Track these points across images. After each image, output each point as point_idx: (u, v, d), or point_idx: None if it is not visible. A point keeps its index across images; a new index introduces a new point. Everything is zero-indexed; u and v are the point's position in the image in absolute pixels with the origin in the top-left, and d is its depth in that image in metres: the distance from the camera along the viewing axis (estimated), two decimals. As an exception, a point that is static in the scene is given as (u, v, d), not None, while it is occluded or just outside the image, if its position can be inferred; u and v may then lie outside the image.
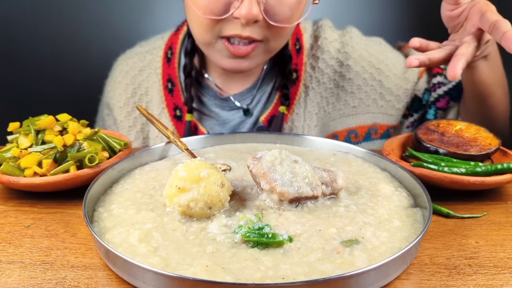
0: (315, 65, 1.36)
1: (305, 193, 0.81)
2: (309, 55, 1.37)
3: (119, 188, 0.93)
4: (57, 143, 0.97)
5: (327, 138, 1.10)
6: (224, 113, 1.37)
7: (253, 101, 1.36)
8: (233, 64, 1.20)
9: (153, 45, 1.43)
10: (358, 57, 1.37)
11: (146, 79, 1.39)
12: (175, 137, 1.05)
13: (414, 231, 0.79)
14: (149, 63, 1.40)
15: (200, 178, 0.79)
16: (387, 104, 1.37)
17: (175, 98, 1.35)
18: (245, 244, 0.73)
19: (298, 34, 1.38)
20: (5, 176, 0.94)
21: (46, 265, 0.76)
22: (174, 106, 1.35)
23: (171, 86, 1.35)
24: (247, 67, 1.21)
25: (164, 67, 1.37)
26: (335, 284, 0.64)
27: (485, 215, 0.92)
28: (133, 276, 0.69)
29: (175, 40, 1.39)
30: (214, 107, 1.37)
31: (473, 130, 1.07)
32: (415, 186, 0.89)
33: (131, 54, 1.46)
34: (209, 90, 1.37)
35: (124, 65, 1.44)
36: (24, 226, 0.88)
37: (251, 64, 1.21)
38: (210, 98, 1.37)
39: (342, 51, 1.37)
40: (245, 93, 1.37)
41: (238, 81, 1.36)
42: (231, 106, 1.36)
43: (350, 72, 1.37)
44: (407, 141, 1.12)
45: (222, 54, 1.19)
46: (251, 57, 1.19)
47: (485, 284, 0.72)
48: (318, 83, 1.36)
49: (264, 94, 1.37)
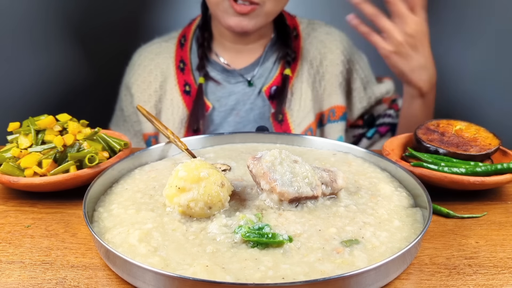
0: (310, 50, 1.56)
1: (305, 193, 0.81)
2: (306, 42, 1.57)
3: (119, 188, 0.93)
4: (57, 143, 0.97)
5: (327, 138, 1.10)
6: (229, 86, 1.52)
7: (256, 74, 1.52)
8: (237, 22, 1.38)
9: (168, 37, 1.62)
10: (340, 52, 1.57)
11: (161, 61, 1.55)
12: (175, 137, 1.05)
13: (414, 231, 0.79)
14: (165, 48, 1.58)
15: (200, 178, 0.79)
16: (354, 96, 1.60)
17: (185, 76, 1.52)
18: (245, 244, 0.73)
19: (295, 24, 1.59)
20: (5, 176, 0.94)
21: (46, 265, 0.76)
22: (184, 82, 1.51)
23: (182, 66, 1.53)
24: (247, 25, 1.39)
25: (177, 51, 1.56)
26: (335, 284, 0.64)
27: (485, 215, 0.92)
28: (133, 276, 0.69)
29: (188, 31, 1.58)
30: (221, 80, 1.52)
31: (473, 130, 1.07)
32: (415, 186, 0.89)
33: (149, 44, 1.62)
34: (217, 65, 1.53)
35: (142, 51, 1.60)
36: (24, 226, 0.88)
37: (250, 24, 1.39)
38: (217, 72, 1.52)
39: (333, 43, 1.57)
40: (249, 68, 1.53)
41: (243, 58, 1.53)
42: (236, 78, 1.52)
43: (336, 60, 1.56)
44: (407, 141, 1.12)
45: (228, 13, 1.38)
46: (251, 16, 1.38)
47: (485, 284, 0.72)
48: (311, 66, 1.54)
49: (266, 69, 1.53)
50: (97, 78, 2.16)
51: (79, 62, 2.20)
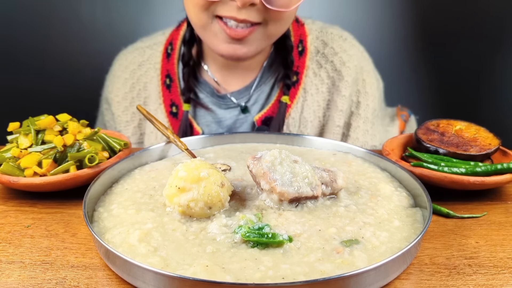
0: (317, 73, 1.33)
1: (305, 193, 0.81)
2: (313, 59, 1.33)
3: (119, 188, 0.93)
4: (57, 143, 0.97)
5: (327, 138, 1.10)
6: (220, 111, 1.34)
7: (251, 99, 1.32)
8: (230, 49, 1.15)
9: (153, 41, 1.41)
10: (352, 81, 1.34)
11: (145, 74, 1.37)
12: (175, 137, 1.05)
13: (414, 231, 0.79)
14: (149, 58, 1.38)
15: (200, 178, 0.79)
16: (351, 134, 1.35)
17: (172, 94, 1.32)
18: (245, 244, 0.73)
19: (302, 35, 1.34)
20: (5, 176, 0.94)
21: (46, 265, 0.76)
22: (171, 102, 1.32)
23: (169, 82, 1.32)
24: (244, 53, 1.16)
25: (163, 62, 1.34)
26: (335, 284, 0.64)
27: (485, 215, 0.92)
28: (133, 276, 0.69)
29: (175, 36, 1.37)
30: (210, 104, 1.34)
31: (473, 130, 1.07)
32: (415, 186, 0.89)
33: (132, 49, 1.44)
34: (206, 87, 1.34)
35: (123, 60, 1.42)
36: (24, 226, 0.88)
37: (249, 51, 1.17)
38: (207, 95, 1.33)
39: (346, 66, 1.34)
40: (243, 91, 1.33)
41: (237, 77, 1.33)
42: (227, 104, 1.33)
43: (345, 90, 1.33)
44: (407, 141, 1.12)
45: (219, 38, 1.15)
46: (248, 41, 1.15)
47: (485, 284, 0.72)
48: (317, 91, 1.33)
49: (262, 93, 1.33)
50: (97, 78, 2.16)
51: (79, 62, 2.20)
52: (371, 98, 1.34)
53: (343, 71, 1.32)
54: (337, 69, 1.32)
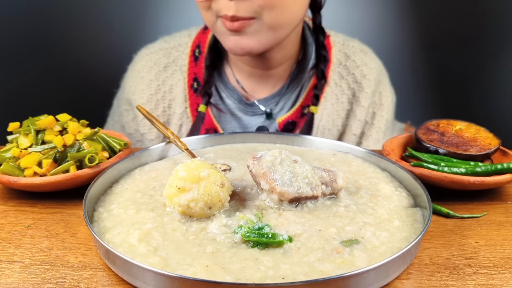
0: (339, 83, 1.34)
1: (305, 193, 0.81)
2: (335, 70, 1.35)
3: (119, 188, 0.93)
4: (57, 143, 0.97)
5: (327, 138, 1.10)
6: (246, 118, 1.34)
7: (277, 106, 1.32)
8: (233, 42, 1.16)
9: (179, 42, 1.37)
10: (371, 92, 1.36)
11: (170, 76, 1.34)
12: (175, 137, 1.05)
13: (414, 231, 0.79)
14: (175, 60, 1.35)
15: (200, 178, 0.79)
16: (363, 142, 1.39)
17: (199, 99, 1.31)
18: (245, 244, 0.73)
19: (328, 46, 1.35)
20: (5, 176, 0.94)
21: (46, 265, 0.76)
22: (198, 106, 1.31)
23: (196, 86, 1.31)
24: (247, 44, 1.16)
25: (190, 65, 1.33)
26: (335, 284, 0.64)
27: (485, 215, 0.92)
28: (133, 276, 0.69)
29: (203, 39, 1.35)
30: (237, 111, 1.34)
31: (473, 130, 1.07)
32: (415, 186, 0.89)
33: (155, 49, 1.39)
34: (234, 93, 1.34)
35: (148, 60, 1.38)
36: (24, 226, 0.88)
37: (250, 42, 1.16)
38: (234, 101, 1.33)
39: (366, 78, 1.36)
40: (269, 99, 1.34)
41: (264, 85, 1.33)
42: (254, 111, 1.33)
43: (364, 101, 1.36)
44: (407, 141, 1.12)
45: (224, 33, 1.17)
46: (247, 33, 1.15)
47: (485, 284, 0.72)
48: (337, 101, 1.34)
49: (288, 100, 1.33)
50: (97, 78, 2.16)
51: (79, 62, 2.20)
52: (386, 110, 1.38)
53: (364, 83, 1.35)
54: (358, 81, 1.35)
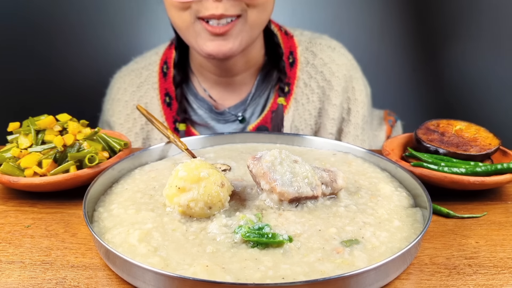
0: (308, 83, 1.36)
1: (305, 193, 0.81)
2: (303, 70, 1.36)
3: (119, 188, 0.93)
4: (57, 143, 0.97)
5: (327, 138, 1.10)
6: (219, 126, 1.37)
7: (246, 112, 1.36)
8: (215, 46, 1.15)
9: (148, 61, 1.43)
10: (341, 90, 1.38)
11: (144, 94, 1.39)
12: (175, 137, 1.05)
13: (414, 231, 0.79)
14: (146, 78, 1.40)
15: (200, 178, 0.79)
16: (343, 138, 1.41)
17: (173, 112, 1.35)
18: (245, 244, 0.73)
19: (292, 47, 1.37)
20: (5, 176, 0.94)
21: (46, 265, 0.76)
22: (174, 119, 1.35)
23: (169, 100, 1.34)
24: (230, 49, 1.17)
25: (160, 81, 1.36)
26: (335, 284, 0.64)
27: (485, 215, 0.92)
28: (133, 276, 0.69)
29: (169, 55, 1.39)
30: (209, 120, 1.37)
31: (473, 130, 1.07)
32: (415, 186, 0.89)
33: (127, 71, 1.45)
34: (204, 103, 1.37)
35: (121, 83, 1.43)
36: (24, 226, 0.88)
37: (234, 46, 1.17)
38: (205, 111, 1.37)
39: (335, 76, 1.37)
40: (239, 105, 1.37)
41: (232, 93, 1.35)
42: (226, 119, 1.36)
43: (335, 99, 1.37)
44: (407, 141, 1.12)
45: (202, 37, 1.17)
46: (232, 35, 1.15)
47: (485, 284, 0.72)
48: (307, 101, 1.35)
49: (258, 105, 1.36)
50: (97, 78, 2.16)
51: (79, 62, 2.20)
52: (361, 105, 1.38)
53: (333, 81, 1.36)
54: (327, 79, 1.36)
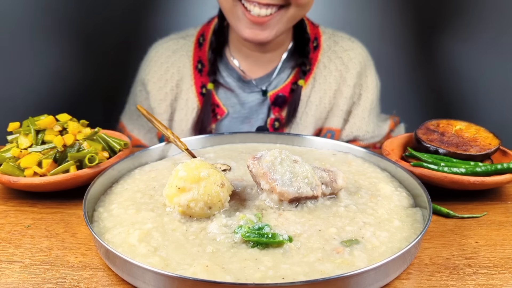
0: (327, 66, 1.48)
1: (305, 193, 0.81)
2: (324, 54, 1.49)
3: (119, 188, 0.93)
4: (57, 143, 0.97)
5: (327, 138, 1.10)
6: (244, 94, 1.48)
7: (271, 85, 1.48)
8: (252, 34, 1.27)
9: (186, 33, 1.56)
10: (356, 74, 1.50)
11: (178, 59, 1.51)
12: (175, 137, 1.05)
13: (414, 231, 0.79)
14: (182, 46, 1.53)
15: (200, 178, 0.79)
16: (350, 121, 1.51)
17: (203, 78, 1.48)
18: (245, 244, 0.73)
19: (317, 34, 1.51)
20: (5, 176, 0.94)
21: (46, 265, 0.76)
22: (201, 84, 1.47)
23: (200, 67, 1.48)
24: (265, 38, 1.28)
25: (195, 50, 1.50)
26: (335, 284, 0.64)
27: (485, 215, 0.92)
28: (133, 276, 0.69)
29: (207, 30, 1.52)
30: (236, 88, 1.48)
31: (473, 130, 1.07)
32: (415, 186, 0.89)
33: (166, 40, 1.58)
34: (234, 73, 1.49)
35: (160, 47, 1.56)
36: (24, 226, 0.88)
37: (269, 35, 1.28)
38: (233, 80, 1.48)
39: (352, 61, 1.50)
40: (265, 78, 1.48)
41: (260, 66, 1.48)
42: (251, 88, 1.48)
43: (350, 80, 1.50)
44: (407, 141, 1.12)
45: (242, 22, 1.28)
46: (269, 26, 1.27)
47: (485, 284, 0.72)
48: (324, 81, 1.48)
49: (281, 80, 1.48)
50: (97, 78, 2.16)
51: (79, 62, 2.20)
52: (371, 92, 1.52)
53: (350, 65, 1.49)
54: (345, 63, 1.49)
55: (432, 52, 2.24)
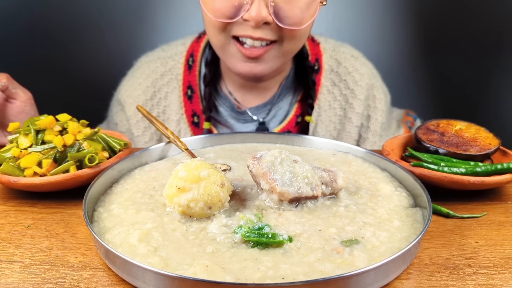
0: (331, 90, 1.40)
1: (305, 193, 0.81)
2: (327, 77, 1.41)
3: (119, 188, 0.93)
4: (57, 143, 0.97)
5: (327, 138, 1.10)
6: (238, 125, 1.39)
7: (269, 115, 1.38)
8: (247, 68, 1.21)
9: (175, 51, 1.45)
10: (364, 98, 1.42)
11: (166, 84, 1.41)
12: (175, 137, 1.05)
13: (414, 231, 0.79)
14: (171, 68, 1.42)
15: (200, 178, 0.79)
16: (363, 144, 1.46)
17: (193, 105, 1.38)
18: (245, 244, 0.73)
19: (318, 54, 1.41)
20: (5, 176, 0.94)
21: (46, 265, 0.76)
22: (192, 113, 1.38)
23: (190, 93, 1.38)
24: (261, 71, 1.22)
25: (185, 74, 1.40)
26: (335, 284, 0.64)
27: (485, 215, 0.92)
28: (133, 276, 0.69)
29: (196, 48, 1.42)
30: (229, 118, 1.39)
31: (473, 130, 1.07)
32: (415, 186, 0.89)
33: (153, 58, 1.47)
34: (226, 101, 1.39)
35: (146, 68, 1.45)
36: (24, 226, 0.88)
37: (265, 68, 1.22)
38: (226, 109, 1.39)
39: (358, 84, 1.41)
40: (261, 107, 1.39)
41: (256, 95, 1.38)
42: (246, 119, 1.39)
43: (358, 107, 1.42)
44: (407, 141, 1.12)
45: (236, 58, 1.21)
46: (264, 60, 1.20)
47: (485, 284, 0.72)
48: (329, 107, 1.40)
49: (280, 109, 1.39)
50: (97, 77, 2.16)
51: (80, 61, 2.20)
52: (380, 113, 1.43)
53: (356, 90, 1.41)
54: (350, 88, 1.41)
55: (432, 52, 2.24)
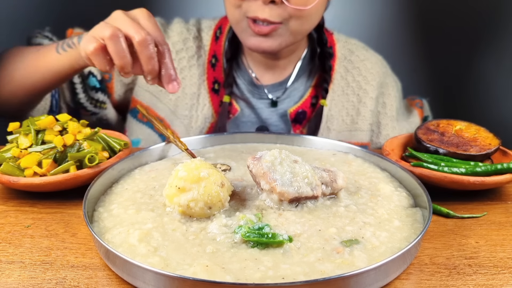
0: (344, 76, 1.47)
1: (305, 193, 0.81)
2: (340, 64, 1.48)
3: (119, 188, 0.93)
4: (57, 143, 0.97)
5: (327, 138, 1.10)
6: (254, 100, 1.46)
7: (284, 94, 1.45)
8: (256, 42, 1.29)
9: (205, 24, 1.53)
10: (377, 84, 1.49)
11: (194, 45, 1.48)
12: (175, 137, 1.05)
13: (414, 231, 0.79)
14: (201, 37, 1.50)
15: (200, 178, 0.79)
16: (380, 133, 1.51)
17: (216, 73, 1.46)
18: (245, 244, 0.73)
19: (332, 42, 1.49)
20: (5, 176, 0.94)
21: (46, 265, 0.76)
22: (214, 80, 1.46)
23: (214, 61, 1.46)
24: (269, 47, 1.29)
25: (212, 43, 1.49)
26: (335, 284, 0.64)
27: (485, 215, 0.92)
28: (133, 276, 0.69)
29: (225, 22, 1.51)
30: (246, 92, 1.46)
31: (473, 130, 1.07)
32: (415, 186, 0.89)
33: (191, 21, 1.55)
34: (245, 74, 1.47)
35: (182, 26, 1.51)
36: (24, 226, 0.88)
37: (272, 45, 1.29)
38: (244, 82, 1.46)
39: (370, 72, 1.49)
40: (277, 86, 1.46)
41: (272, 74, 1.46)
42: (261, 94, 1.45)
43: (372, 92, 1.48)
44: (407, 141, 1.12)
45: (247, 33, 1.30)
46: (273, 36, 1.28)
47: (485, 284, 0.72)
48: (342, 92, 1.46)
49: (295, 90, 1.45)
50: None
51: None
52: (394, 99, 1.51)
53: (369, 76, 1.48)
54: (363, 74, 1.48)
55: (431, 52, 2.24)
